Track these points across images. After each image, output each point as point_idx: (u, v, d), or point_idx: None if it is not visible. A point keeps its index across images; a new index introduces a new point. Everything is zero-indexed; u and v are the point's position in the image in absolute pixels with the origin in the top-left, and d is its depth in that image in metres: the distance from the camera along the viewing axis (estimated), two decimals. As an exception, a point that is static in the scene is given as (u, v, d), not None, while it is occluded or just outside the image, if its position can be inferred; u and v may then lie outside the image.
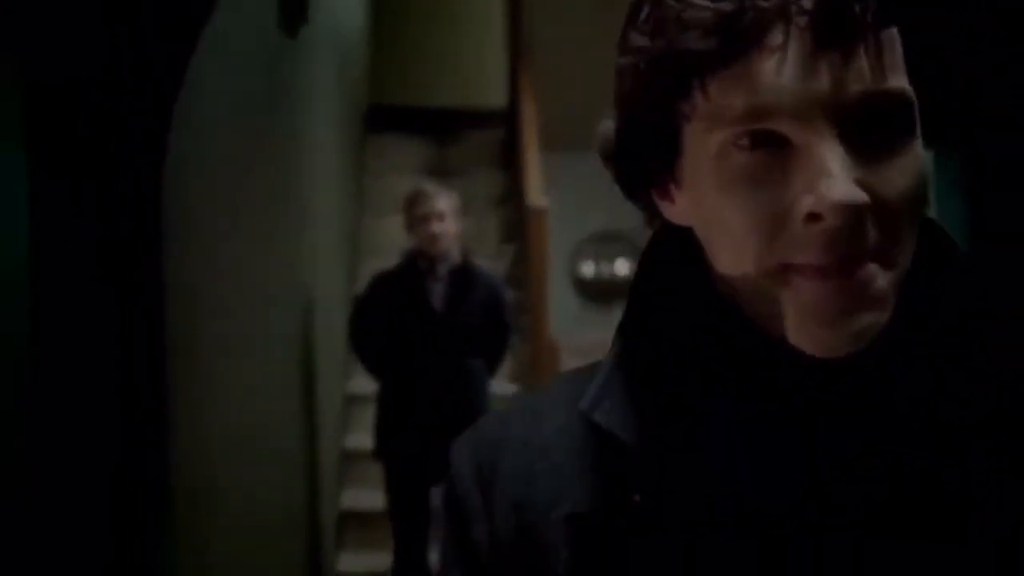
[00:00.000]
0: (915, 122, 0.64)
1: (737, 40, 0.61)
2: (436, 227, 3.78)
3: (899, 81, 0.63)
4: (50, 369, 1.59)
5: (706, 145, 0.64)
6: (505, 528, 0.73)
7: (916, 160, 0.64)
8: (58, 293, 1.61)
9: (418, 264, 3.86)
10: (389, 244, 4.80)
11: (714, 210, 0.65)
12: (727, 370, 0.69)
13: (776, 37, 0.61)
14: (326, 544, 4.44)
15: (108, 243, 1.73)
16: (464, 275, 3.86)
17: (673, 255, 0.74)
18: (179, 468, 2.12)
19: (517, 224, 5.56)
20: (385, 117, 6.65)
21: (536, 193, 4.92)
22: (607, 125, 0.73)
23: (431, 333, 3.80)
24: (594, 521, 0.69)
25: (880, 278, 0.62)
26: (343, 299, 4.86)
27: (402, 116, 6.67)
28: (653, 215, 0.74)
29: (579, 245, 7.38)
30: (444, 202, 3.80)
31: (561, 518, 0.70)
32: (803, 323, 0.63)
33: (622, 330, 0.75)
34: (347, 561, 4.65)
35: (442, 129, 6.55)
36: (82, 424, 1.67)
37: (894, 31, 0.63)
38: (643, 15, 0.66)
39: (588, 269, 7.48)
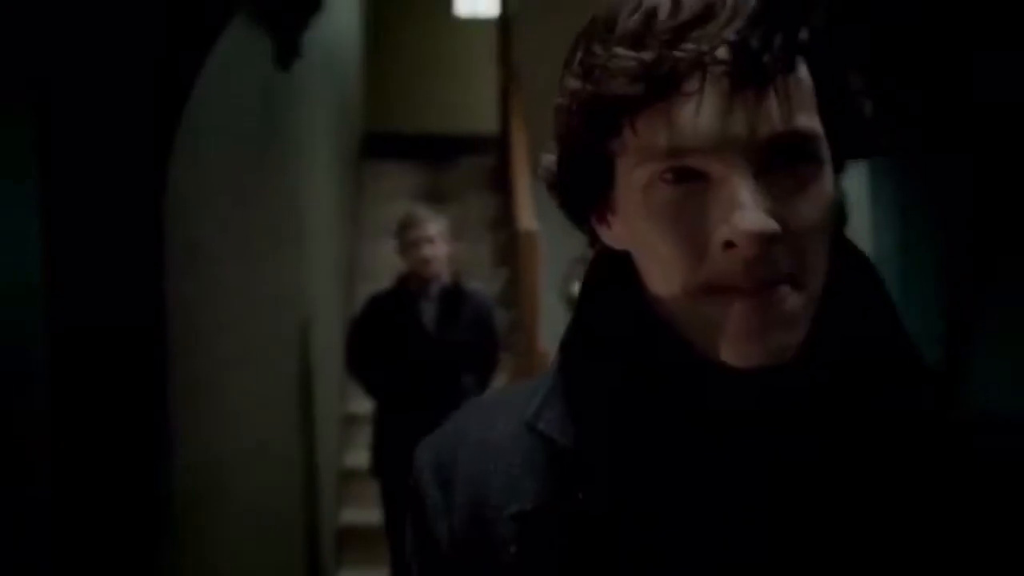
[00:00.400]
0: (822, 155, 0.70)
1: (658, 86, 0.67)
2: (427, 250, 3.92)
3: (806, 120, 0.69)
4: (64, 384, 1.69)
5: (634, 178, 0.71)
6: (462, 524, 0.79)
7: (824, 190, 0.70)
8: (70, 313, 1.72)
9: (410, 286, 3.98)
10: (384, 267, 4.92)
11: (643, 237, 0.72)
12: (659, 381, 0.75)
13: (693, 84, 0.67)
14: (326, 559, 4.53)
15: (115, 267, 1.84)
16: (454, 295, 3.99)
17: (612, 276, 0.79)
18: (182, 481, 2.20)
19: (509, 247, 5.67)
20: (380, 144, 6.78)
21: (527, 217, 5.02)
22: (548, 157, 0.78)
23: (424, 351, 3.92)
24: (540, 518, 0.75)
25: (792, 299, 0.69)
26: (340, 321, 4.98)
27: (397, 143, 6.80)
28: (595, 239, 0.79)
29: (572, 266, 7.47)
30: (434, 226, 3.93)
31: (511, 515, 0.76)
32: (725, 339, 0.69)
33: (564, 345, 0.81)
34: (347, 576, 4.74)
35: (436, 155, 6.67)
36: (93, 436, 1.76)
37: (802, 74, 0.69)
38: (576, 60, 0.72)
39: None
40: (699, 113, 0.67)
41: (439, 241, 3.94)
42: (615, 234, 0.77)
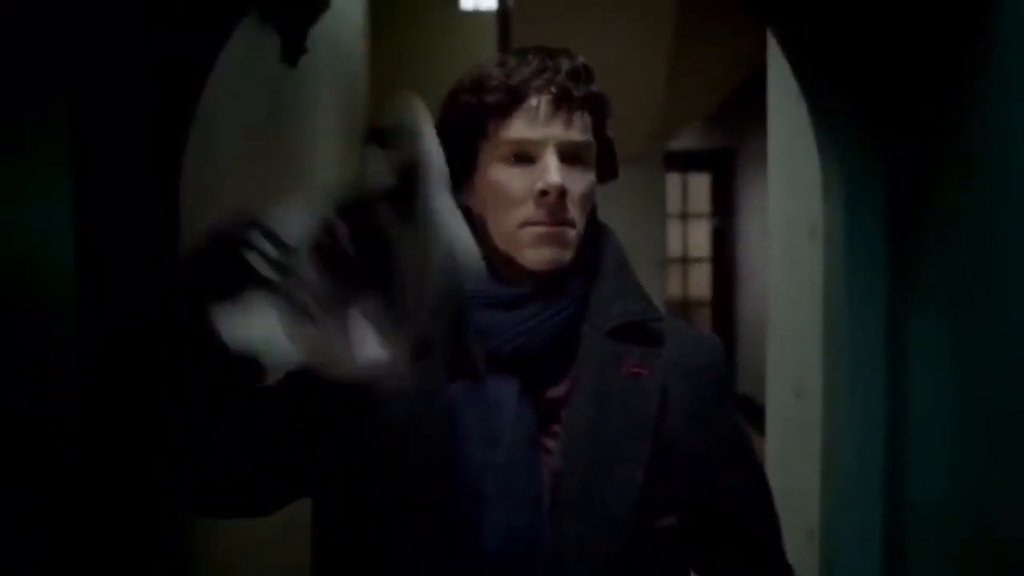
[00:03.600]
0: (592, 160, 1.26)
1: (517, 99, 1.21)
2: None
3: (589, 137, 1.25)
4: (90, 364, 1.82)
5: (493, 155, 1.23)
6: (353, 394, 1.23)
7: (590, 179, 1.26)
8: (96, 297, 1.86)
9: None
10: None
11: (494, 191, 1.24)
12: (487, 285, 1.24)
13: (532, 102, 1.21)
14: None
15: (135, 256, 1.97)
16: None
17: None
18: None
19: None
20: (385, 136, 6.92)
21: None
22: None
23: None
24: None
25: (569, 233, 1.23)
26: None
27: (401, 134, 6.93)
28: (459, 201, 1.22)
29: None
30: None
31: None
32: (532, 250, 1.22)
33: None
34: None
35: (439, 146, 6.79)
36: (115, 414, 1.89)
37: (587, 115, 1.24)
38: (466, 84, 1.25)
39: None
40: (535, 120, 1.21)
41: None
42: (473, 195, 1.27)
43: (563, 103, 1.21)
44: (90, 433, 1.76)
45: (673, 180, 10.23)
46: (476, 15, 7.56)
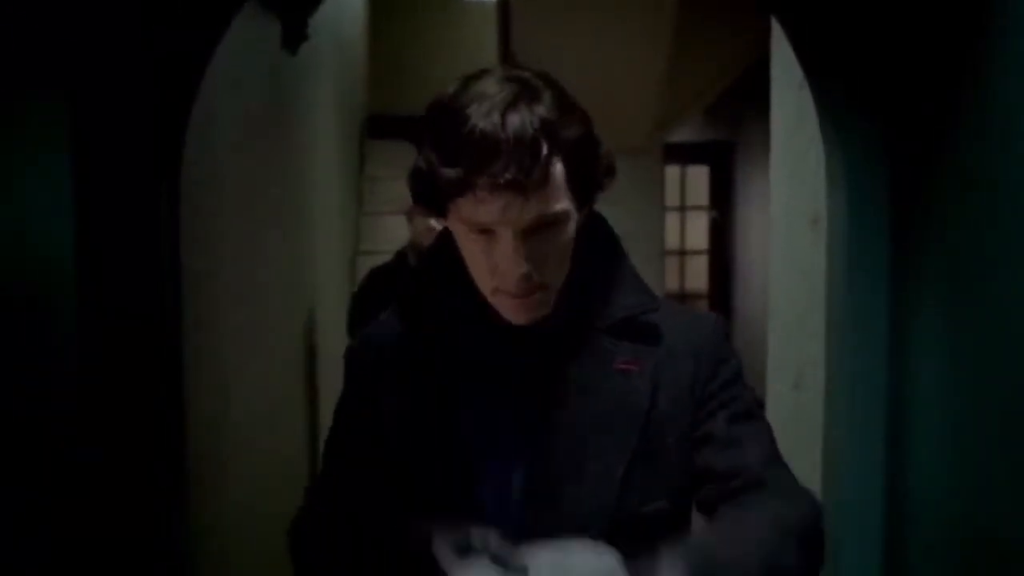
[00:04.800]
0: (565, 219, 1.18)
1: (464, 190, 1.12)
2: (433, 221, 4.09)
3: (554, 206, 1.16)
4: (90, 351, 1.82)
5: (458, 225, 1.19)
6: (367, 380, 1.32)
7: (564, 237, 1.20)
8: (96, 286, 1.85)
9: (409, 259, 4.16)
10: (386, 244, 5.06)
11: (466, 254, 1.22)
12: (469, 314, 1.27)
13: (484, 188, 1.11)
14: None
15: (134, 244, 1.97)
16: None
17: (443, 253, 1.31)
18: (194, 451, 2.32)
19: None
20: (384, 125, 6.92)
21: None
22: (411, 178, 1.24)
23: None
24: (406, 379, 1.28)
25: (542, 296, 1.21)
26: (343, 294, 5.13)
27: (400, 124, 6.92)
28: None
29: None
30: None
31: (392, 376, 1.28)
32: (508, 312, 1.22)
33: (408, 278, 1.36)
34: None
35: (438, 136, 6.77)
36: (115, 398, 1.89)
37: (557, 171, 1.14)
38: (425, 151, 1.17)
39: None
40: (490, 205, 1.12)
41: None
42: (448, 222, 1.23)
43: (517, 192, 1.12)
44: (90, 433, 1.76)
45: (672, 172, 10.22)
46: (477, 6, 7.53)
